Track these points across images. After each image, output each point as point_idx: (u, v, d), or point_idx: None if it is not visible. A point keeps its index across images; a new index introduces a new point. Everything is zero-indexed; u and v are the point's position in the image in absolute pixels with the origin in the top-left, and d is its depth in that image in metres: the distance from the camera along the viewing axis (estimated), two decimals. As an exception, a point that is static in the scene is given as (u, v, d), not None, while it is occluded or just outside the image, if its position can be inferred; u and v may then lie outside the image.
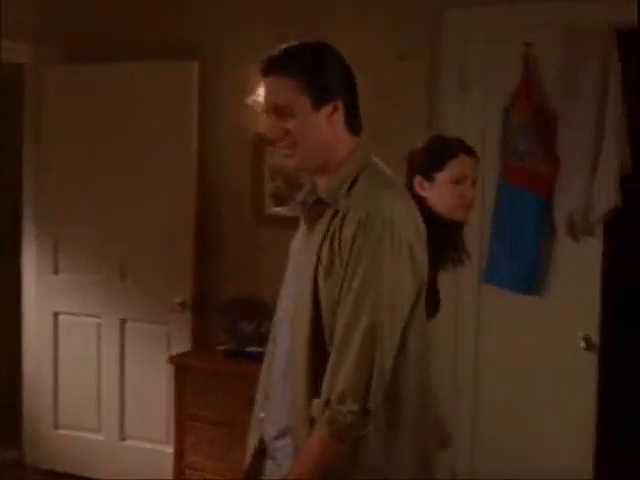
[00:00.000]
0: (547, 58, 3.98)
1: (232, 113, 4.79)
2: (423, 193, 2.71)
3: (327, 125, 2.16)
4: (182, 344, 4.86)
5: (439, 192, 2.70)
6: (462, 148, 2.74)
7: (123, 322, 5.06)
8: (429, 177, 2.72)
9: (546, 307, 4.08)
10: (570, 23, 3.85)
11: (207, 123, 4.86)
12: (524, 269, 4.05)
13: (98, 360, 5.14)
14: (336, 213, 2.13)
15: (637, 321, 5.11)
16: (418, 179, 2.73)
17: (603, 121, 3.83)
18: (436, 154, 2.72)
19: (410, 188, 2.64)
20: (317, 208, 2.21)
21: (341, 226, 2.09)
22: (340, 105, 2.17)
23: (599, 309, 3.99)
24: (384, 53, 4.35)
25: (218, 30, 4.84)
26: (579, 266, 3.98)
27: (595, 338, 3.96)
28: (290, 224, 2.55)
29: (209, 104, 4.84)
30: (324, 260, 2.11)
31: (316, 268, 2.12)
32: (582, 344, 3.95)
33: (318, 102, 2.14)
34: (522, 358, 4.12)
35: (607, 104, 3.81)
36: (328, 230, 2.13)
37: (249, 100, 4.62)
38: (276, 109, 2.16)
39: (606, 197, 3.83)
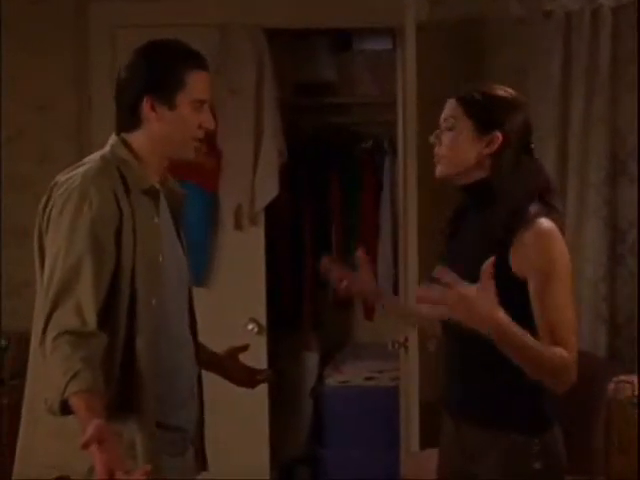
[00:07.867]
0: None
1: None
2: None
3: None
4: None
5: None
6: None
7: None
8: None
9: (215, 296, 4.18)
10: (222, 23, 4.01)
11: None
12: (194, 264, 4.12)
13: None
14: None
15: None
16: None
17: (261, 115, 4.05)
18: None
19: None
20: None
21: None
22: None
23: (264, 294, 4.19)
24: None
25: None
26: (245, 255, 4.13)
27: (263, 322, 4.17)
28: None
29: None
30: None
31: None
32: (253, 328, 4.12)
33: None
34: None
35: (264, 99, 4.04)
36: None
37: None
38: None
39: (269, 187, 4.07)
